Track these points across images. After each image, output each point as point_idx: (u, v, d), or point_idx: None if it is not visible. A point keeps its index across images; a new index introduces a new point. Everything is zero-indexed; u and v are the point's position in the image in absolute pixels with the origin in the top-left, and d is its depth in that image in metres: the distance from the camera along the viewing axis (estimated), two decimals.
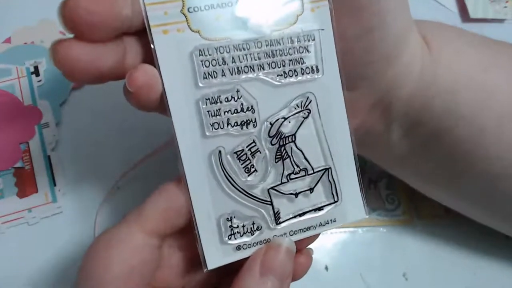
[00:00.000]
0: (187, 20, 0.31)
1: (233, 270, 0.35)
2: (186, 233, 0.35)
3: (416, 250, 0.57)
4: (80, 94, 0.58)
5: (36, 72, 0.56)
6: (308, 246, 0.39)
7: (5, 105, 0.54)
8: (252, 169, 0.34)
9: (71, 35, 0.30)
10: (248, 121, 0.33)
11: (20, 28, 0.59)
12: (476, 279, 0.56)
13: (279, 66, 0.33)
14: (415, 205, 0.59)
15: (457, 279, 0.56)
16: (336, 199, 0.36)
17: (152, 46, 0.31)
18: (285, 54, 0.33)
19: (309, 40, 0.34)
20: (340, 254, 0.56)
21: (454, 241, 0.58)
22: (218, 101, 0.32)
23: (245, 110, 0.33)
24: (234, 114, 0.33)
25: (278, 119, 0.34)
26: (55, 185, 0.53)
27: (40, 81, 0.56)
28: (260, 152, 0.34)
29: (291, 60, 0.34)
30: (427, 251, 0.57)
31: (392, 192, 0.59)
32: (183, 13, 0.31)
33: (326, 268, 0.55)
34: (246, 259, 0.34)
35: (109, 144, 0.56)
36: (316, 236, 0.38)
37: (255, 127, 0.33)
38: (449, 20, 0.71)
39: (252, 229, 0.34)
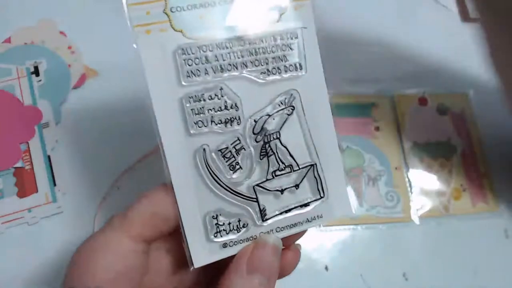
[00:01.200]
0: (169, 20, 0.31)
1: (222, 267, 0.35)
2: (173, 235, 0.35)
3: (416, 250, 0.57)
4: (80, 93, 0.58)
5: (36, 72, 0.57)
6: (299, 243, 0.39)
7: (5, 105, 0.55)
8: (237, 167, 0.34)
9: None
10: (232, 119, 0.33)
11: (20, 28, 0.59)
12: (477, 278, 0.56)
13: (262, 64, 0.33)
14: (414, 202, 0.59)
15: (457, 278, 0.56)
16: (322, 195, 0.36)
17: (134, 46, 0.31)
18: (268, 52, 0.34)
19: (292, 38, 0.34)
20: (340, 254, 0.56)
21: (454, 240, 0.58)
22: (201, 99, 0.32)
23: (229, 107, 0.33)
24: (218, 112, 0.33)
25: (262, 116, 0.34)
26: (55, 185, 0.54)
27: (40, 81, 0.57)
28: (245, 150, 0.34)
29: (274, 58, 0.34)
30: (427, 251, 0.57)
31: (391, 189, 0.59)
32: (165, 13, 0.31)
33: (326, 268, 0.55)
34: (233, 256, 0.34)
35: (109, 144, 0.57)
36: (303, 232, 0.37)
37: (239, 124, 0.33)
38: (449, 20, 0.71)
39: (238, 226, 0.34)
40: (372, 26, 0.63)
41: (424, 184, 0.61)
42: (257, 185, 0.34)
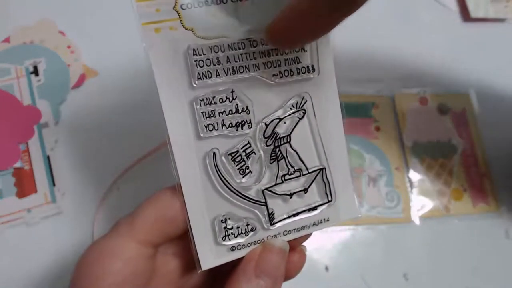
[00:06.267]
0: (180, 18, 0.30)
1: (228, 270, 0.35)
2: (179, 238, 0.35)
3: (417, 250, 0.57)
4: (79, 93, 0.58)
5: (35, 71, 0.56)
6: (304, 244, 0.38)
7: (4, 105, 0.54)
8: (247, 171, 0.33)
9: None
10: (243, 122, 0.33)
11: (19, 27, 0.59)
12: (477, 278, 0.56)
13: (274, 65, 0.33)
14: (415, 202, 0.59)
15: (457, 279, 0.56)
16: (330, 199, 0.36)
17: (143, 45, 0.30)
18: (281, 53, 0.33)
19: None
20: (340, 254, 0.56)
21: (455, 241, 0.58)
22: (212, 102, 0.31)
23: (240, 111, 0.32)
24: (229, 115, 0.32)
25: (273, 119, 0.33)
26: (54, 185, 0.53)
27: (39, 81, 0.56)
28: (255, 154, 0.33)
29: (286, 60, 0.33)
30: (428, 251, 0.57)
31: (391, 189, 0.59)
32: (176, 10, 0.30)
33: (326, 268, 0.55)
34: (240, 259, 0.34)
35: (108, 144, 0.56)
36: (309, 235, 0.37)
37: (250, 128, 0.33)
38: (449, 20, 0.71)
39: (247, 230, 0.34)
40: (372, 26, 0.63)
41: (424, 184, 0.61)
42: (267, 189, 0.34)
